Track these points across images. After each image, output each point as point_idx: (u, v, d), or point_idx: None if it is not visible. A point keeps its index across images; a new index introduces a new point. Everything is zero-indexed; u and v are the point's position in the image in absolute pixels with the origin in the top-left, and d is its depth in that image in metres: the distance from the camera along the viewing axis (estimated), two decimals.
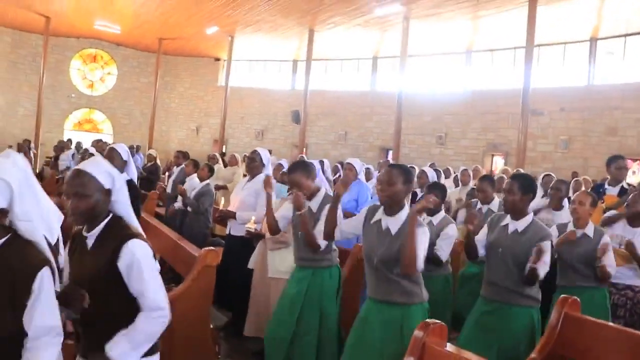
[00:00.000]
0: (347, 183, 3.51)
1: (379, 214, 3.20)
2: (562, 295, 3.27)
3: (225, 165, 11.21)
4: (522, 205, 3.45)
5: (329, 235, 3.44)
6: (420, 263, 2.94)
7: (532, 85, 14.27)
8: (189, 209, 6.58)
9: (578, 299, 3.28)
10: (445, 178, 9.28)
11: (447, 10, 15.36)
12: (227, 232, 5.25)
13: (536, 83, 15.47)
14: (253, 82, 24.64)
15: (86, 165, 2.19)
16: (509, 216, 3.53)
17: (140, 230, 2.26)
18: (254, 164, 5.20)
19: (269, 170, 5.27)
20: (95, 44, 25.07)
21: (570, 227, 4.22)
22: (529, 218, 3.47)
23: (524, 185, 3.45)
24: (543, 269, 3.29)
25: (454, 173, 9.99)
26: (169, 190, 8.06)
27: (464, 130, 18.41)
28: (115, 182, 2.19)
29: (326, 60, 22.62)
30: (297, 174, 3.86)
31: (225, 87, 22.32)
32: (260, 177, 5.03)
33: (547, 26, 15.16)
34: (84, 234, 2.20)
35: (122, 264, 2.09)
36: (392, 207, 3.14)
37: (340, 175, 7.29)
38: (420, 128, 19.27)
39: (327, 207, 3.59)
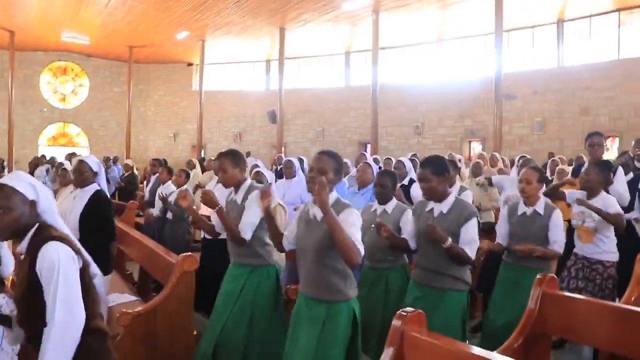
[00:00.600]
0: (267, 194, 3.24)
1: (309, 205, 3.10)
2: (539, 274, 3.26)
3: (203, 171, 11.15)
4: (441, 188, 3.37)
5: (278, 246, 3.33)
6: (360, 248, 2.76)
7: (504, 70, 14.44)
8: (169, 215, 6.52)
9: (555, 277, 3.28)
10: None
11: (415, 1, 15.42)
12: (202, 235, 5.20)
13: (508, 67, 15.64)
14: (228, 85, 24.53)
15: (7, 179, 2.20)
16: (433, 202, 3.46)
17: (69, 237, 2.23)
18: None
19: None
20: (64, 56, 24.75)
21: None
22: (451, 199, 3.41)
23: (437, 169, 3.37)
24: (469, 247, 3.28)
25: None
26: (146, 198, 7.99)
27: (441, 118, 18.51)
28: (38, 193, 2.21)
29: (299, 58, 22.59)
30: (226, 160, 3.72)
31: (200, 91, 22.22)
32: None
33: (515, 11, 15.31)
34: (17, 250, 2.20)
35: (38, 268, 2.07)
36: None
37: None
38: (397, 119, 19.35)
39: (252, 196, 3.57)
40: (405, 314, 2.45)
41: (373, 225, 3.84)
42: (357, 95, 20.15)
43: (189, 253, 4.04)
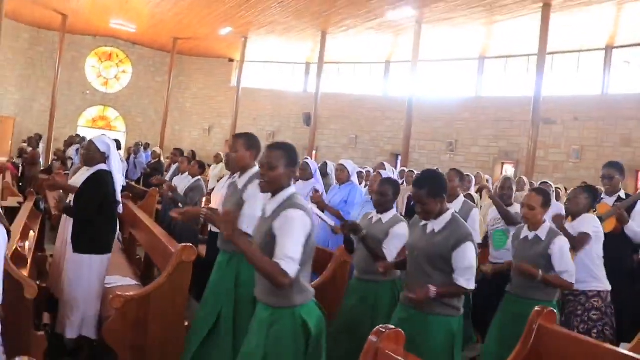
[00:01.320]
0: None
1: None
2: (538, 306, 3.11)
3: None
4: (437, 209, 3.18)
5: None
6: (287, 264, 2.47)
7: (546, 94, 14.12)
8: (180, 205, 6.54)
9: (555, 310, 3.14)
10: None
11: (460, 15, 15.22)
12: (209, 229, 5.19)
13: (549, 91, 15.31)
14: (266, 84, 24.67)
15: None
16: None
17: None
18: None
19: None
20: (111, 42, 25.25)
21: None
22: (447, 216, 3.20)
23: (433, 191, 3.16)
24: (464, 277, 3.11)
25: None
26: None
27: (475, 137, 18.21)
28: None
29: (339, 63, 22.57)
30: (240, 141, 3.66)
31: (237, 87, 22.37)
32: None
33: (562, 34, 14.97)
34: None
35: None
36: (272, 192, 2.79)
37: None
38: (431, 134, 19.12)
39: (253, 187, 3.41)
40: (383, 330, 2.36)
41: (364, 232, 3.77)
42: (393, 105, 19.97)
43: (189, 244, 4.01)
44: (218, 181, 8.57)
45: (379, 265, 3.59)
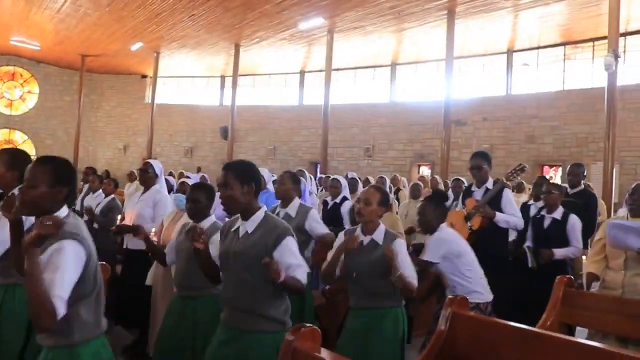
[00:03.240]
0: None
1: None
2: (450, 295, 3.22)
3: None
4: (243, 199, 2.70)
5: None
6: (54, 302, 1.98)
7: (455, 96, 14.71)
8: (95, 225, 6.30)
9: (466, 298, 3.24)
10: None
11: (370, 24, 15.60)
12: (125, 246, 5.05)
13: (459, 94, 15.95)
14: (181, 99, 24.30)
15: None
16: (240, 218, 2.79)
17: None
18: (147, 176, 5.10)
19: (163, 181, 5.18)
20: (13, 60, 24.09)
21: None
22: (260, 214, 2.74)
23: (239, 174, 2.70)
24: (295, 272, 2.64)
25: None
26: (78, 207, 7.73)
27: (391, 141, 18.68)
28: None
29: (254, 75, 22.58)
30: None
31: (152, 104, 21.89)
32: (156, 188, 5.06)
33: (467, 39, 15.69)
34: None
35: None
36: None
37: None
38: (348, 141, 19.47)
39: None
40: (298, 328, 2.35)
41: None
42: (309, 115, 20.20)
43: (102, 262, 3.84)
44: None
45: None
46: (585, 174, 6.25)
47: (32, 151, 24.47)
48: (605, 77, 11.14)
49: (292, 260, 2.63)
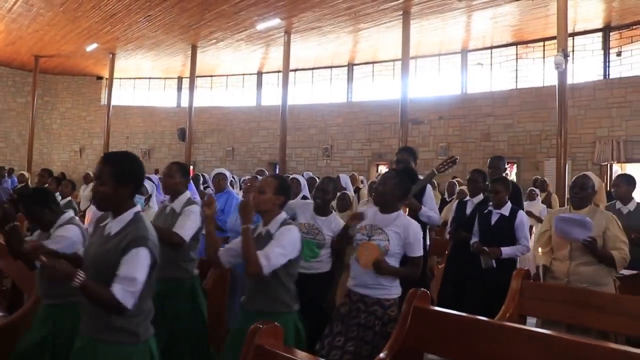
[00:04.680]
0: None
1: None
2: (412, 289, 3.27)
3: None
4: (115, 198, 2.42)
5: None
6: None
7: (411, 96, 14.93)
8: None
9: (427, 292, 3.32)
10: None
11: (327, 24, 15.68)
12: None
13: (415, 93, 16.20)
14: (138, 101, 23.94)
15: None
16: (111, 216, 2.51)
17: None
18: None
19: None
20: None
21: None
22: (129, 214, 2.44)
23: (116, 173, 2.40)
24: (120, 284, 2.28)
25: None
26: None
27: (349, 141, 18.83)
28: None
29: (211, 76, 22.43)
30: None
31: (108, 105, 21.50)
32: None
33: (422, 39, 15.95)
34: None
35: None
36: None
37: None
38: (306, 141, 19.55)
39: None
40: (261, 326, 2.39)
41: None
42: (267, 116, 20.21)
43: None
44: (90, 201, 8.21)
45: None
46: (506, 167, 6.17)
47: None
48: (555, 75, 11.47)
49: (127, 272, 2.27)
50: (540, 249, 4.34)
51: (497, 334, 2.92)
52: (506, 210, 4.93)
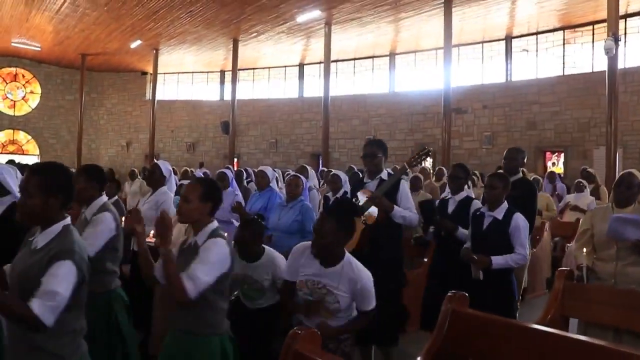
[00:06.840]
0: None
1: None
2: (451, 292, 3.23)
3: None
4: (43, 212, 2.22)
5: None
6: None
7: (455, 85, 14.69)
8: None
9: (466, 295, 3.27)
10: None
11: (367, 15, 15.58)
12: (131, 247, 5.08)
13: (459, 82, 15.94)
14: (181, 95, 24.38)
15: None
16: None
17: None
18: (154, 177, 5.04)
19: (172, 183, 5.16)
20: (14, 61, 24.18)
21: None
22: (56, 228, 2.23)
23: (43, 184, 2.20)
24: (41, 299, 2.03)
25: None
26: None
27: (392, 131, 18.67)
28: None
29: (253, 69, 22.58)
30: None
31: (152, 100, 21.96)
32: (162, 189, 4.97)
33: (465, 26, 15.65)
34: None
35: None
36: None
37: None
38: (349, 132, 19.48)
39: None
40: (299, 332, 2.41)
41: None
42: (310, 107, 20.21)
43: None
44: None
45: None
46: (525, 160, 5.48)
47: (35, 150, 24.65)
48: (605, 60, 11.09)
49: (47, 286, 2.06)
50: (584, 249, 4.18)
51: (541, 340, 2.83)
52: (500, 213, 4.26)
